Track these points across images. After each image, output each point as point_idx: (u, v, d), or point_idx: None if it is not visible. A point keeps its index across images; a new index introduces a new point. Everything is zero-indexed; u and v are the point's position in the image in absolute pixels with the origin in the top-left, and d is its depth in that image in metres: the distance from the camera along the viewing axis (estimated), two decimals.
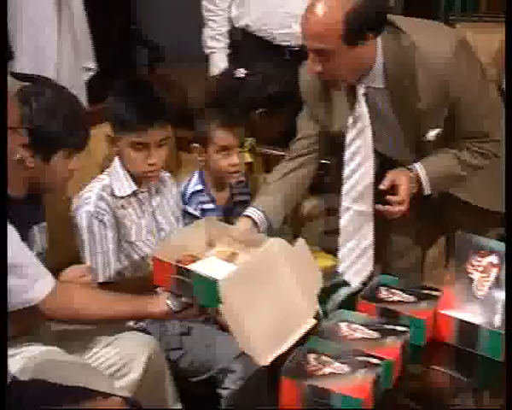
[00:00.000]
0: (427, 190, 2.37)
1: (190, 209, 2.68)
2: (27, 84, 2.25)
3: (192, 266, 1.98)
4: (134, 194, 2.50)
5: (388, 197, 2.30)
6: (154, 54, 5.15)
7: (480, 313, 2.04)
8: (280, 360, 1.87)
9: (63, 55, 3.71)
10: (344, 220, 2.44)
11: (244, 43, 3.47)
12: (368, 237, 2.43)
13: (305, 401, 1.81)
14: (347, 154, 2.39)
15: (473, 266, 2.09)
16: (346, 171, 2.40)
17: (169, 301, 1.99)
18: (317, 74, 2.26)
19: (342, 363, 1.87)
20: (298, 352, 1.91)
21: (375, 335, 2.00)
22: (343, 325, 2.04)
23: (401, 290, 2.21)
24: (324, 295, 2.19)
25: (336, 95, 2.39)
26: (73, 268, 2.17)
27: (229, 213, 2.71)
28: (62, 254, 2.39)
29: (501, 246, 2.06)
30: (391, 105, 2.33)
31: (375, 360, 1.88)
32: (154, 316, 2.09)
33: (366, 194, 2.39)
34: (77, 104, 2.23)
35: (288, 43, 3.41)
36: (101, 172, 2.55)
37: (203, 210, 2.69)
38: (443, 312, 2.11)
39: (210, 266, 2.01)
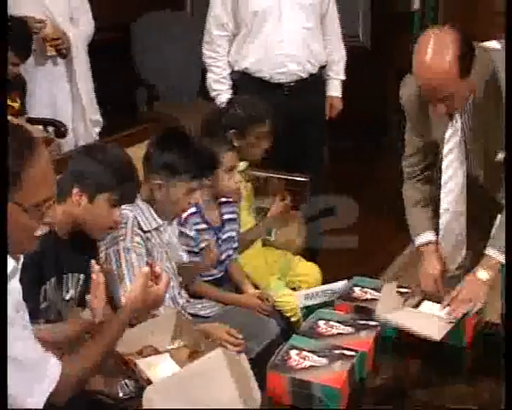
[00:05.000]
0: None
1: (186, 230, 2.85)
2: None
3: (140, 361, 2.11)
4: (157, 227, 2.60)
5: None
6: (152, 93, 5.45)
7: None
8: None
9: (75, 107, 3.97)
10: (443, 219, 2.60)
11: (244, 83, 3.69)
12: (462, 232, 2.59)
13: (290, 391, 1.97)
14: (445, 162, 2.53)
15: None
16: (444, 177, 2.55)
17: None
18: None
19: (321, 356, 2.03)
20: (281, 349, 2.07)
21: (350, 330, 2.17)
22: (321, 323, 2.22)
23: (373, 290, 2.39)
24: None
25: (432, 110, 2.51)
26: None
27: (219, 231, 2.92)
28: None
29: None
30: (477, 123, 2.46)
31: (350, 353, 2.04)
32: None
33: (460, 197, 2.55)
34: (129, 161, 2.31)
35: (284, 81, 3.64)
36: None
37: (197, 230, 2.87)
38: None
39: (158, 365, 2.11)
